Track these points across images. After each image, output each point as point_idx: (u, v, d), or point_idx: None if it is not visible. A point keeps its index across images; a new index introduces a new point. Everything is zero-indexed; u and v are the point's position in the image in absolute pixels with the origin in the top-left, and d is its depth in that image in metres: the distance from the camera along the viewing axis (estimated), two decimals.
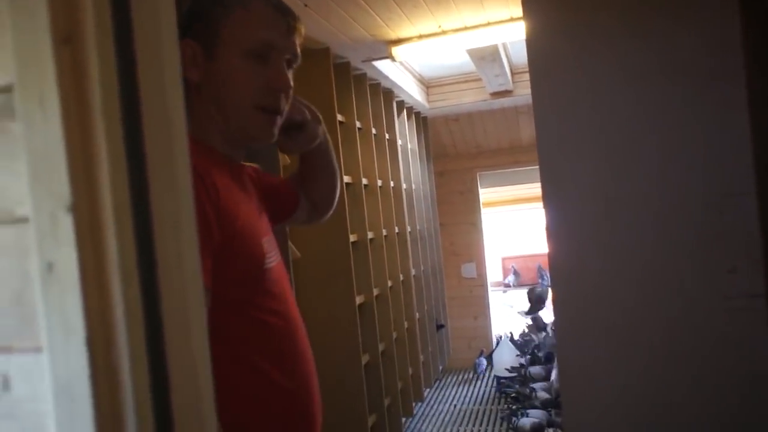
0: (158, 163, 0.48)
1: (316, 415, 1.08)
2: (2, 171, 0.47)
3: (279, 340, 1.01)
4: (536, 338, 4.23)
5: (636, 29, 1.68)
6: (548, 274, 1.81)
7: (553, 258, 1.72)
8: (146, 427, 0.45)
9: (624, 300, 1.67)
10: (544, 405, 3.30)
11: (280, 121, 1.03)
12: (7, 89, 0.46)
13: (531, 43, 1.76)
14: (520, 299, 6.16)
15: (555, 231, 1.73)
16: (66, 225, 0.44)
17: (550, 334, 4.06)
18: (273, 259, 1.02)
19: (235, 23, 0.97)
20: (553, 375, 3.63)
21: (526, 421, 3.14)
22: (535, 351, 4.04)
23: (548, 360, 3.85)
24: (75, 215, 0.44)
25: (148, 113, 0.47)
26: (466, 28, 2.46)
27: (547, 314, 4.74)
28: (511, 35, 2.47)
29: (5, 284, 0.47)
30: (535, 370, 3.77)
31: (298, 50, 1.03)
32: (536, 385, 3.52)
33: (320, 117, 1.20)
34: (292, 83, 1.02)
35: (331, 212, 1.37)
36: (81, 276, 0.44)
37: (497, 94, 3.98)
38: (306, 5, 2.03)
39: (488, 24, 2.43)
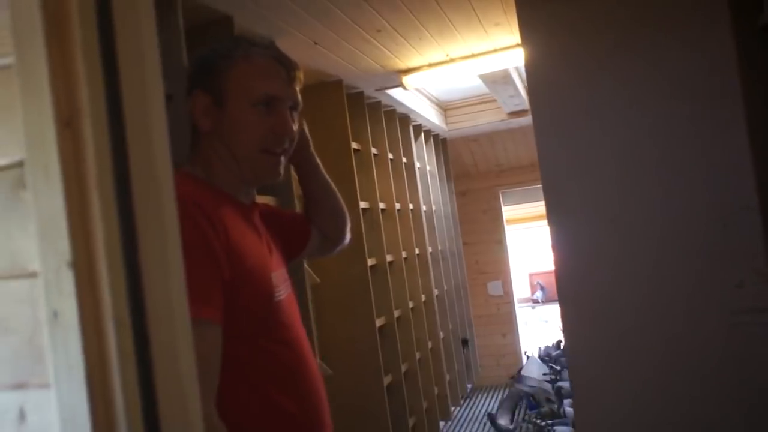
0: (147, 224, 0.56)
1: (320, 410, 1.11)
2: (18, 232, 0.56)
3: (288, 368, 1.07)
4: None
5: (634, 52, 1.72)
6: None
7: (559, 275, 1.76)
8: None
9: (631, 315, 1.69)
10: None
11: (284, 161, 1.12)
12: (20, 164, 0.55)
13: (530, 68, 1.82)
14: (554, 314, 6.11)
15: (560, 248, 1.77)
16: (68, 279, 0.52)
17: None
18: (282, 291, 1.09)
19: (239, 76, 1.06)
20: None
21: None
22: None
23: None
24: (75, 270, 0.52)
25: (138, 183, 0.55)
26: (473, 56, 2.53)
27: None
28: (520, 60, 2.53)
29: (21, 330, 0.56)
30: (566, 384, 3.75)
31: (299, 97, 1.13)
32: (567, 401, 3.50)
33: (309, 139, 1.28)
34: (295, 126, 1.11)
35: (346, 242, 1.42)
36: (81, 322, 0.51)
37: (514, 114, 4.03)
38: (316, 43, 2.13)
39: (495, 50, 2.49)
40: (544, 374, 4.11)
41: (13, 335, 0.56)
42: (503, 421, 3.75)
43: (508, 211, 5.63)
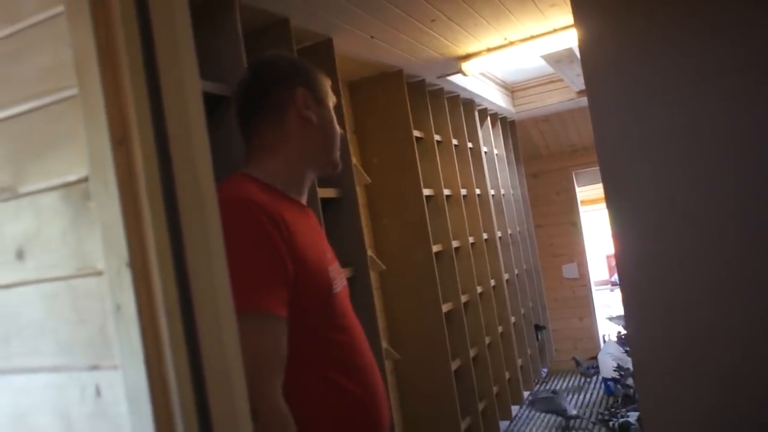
0: (192, 227, 0.64)
1: (383, 414, 1.19)
2: (87, 237, 0.65)
3: (346, 352, 1.15)
4: None
5: (694, 25, 1.65)
6: None
7: (620, 261, 1.73)
8: (190, 419, 0.60)
9: (697, 305, 1.64)
10: None
11: None
12: (85, 179, 0.64)
13: (584, 48, 1.79)
14: None
15: (620, 233, 1.74)
16: (126, 277, 0.61)
17: None
18: (338, 284, 1.17)
19: (319, 83, 1.22)
20: None
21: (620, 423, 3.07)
22: None
23: None
24: (132, 270, 0.61)
25: (183, 191, 0.63)
26: (532, 37, 2.50)
27: None
28: None
29: (94, 320, 0.65)
30: None
31: None
32: None
33: None
34: None
35: None
36: (138, 313, 0.60)
37: (583, 93, 3.91)
38: (372, 37, 2.18)
39: (554, 31, 2.45)
40: (619, 366, 4.01)
41: (88, 324, 0.66)
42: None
43: (583, 192, 5.48)
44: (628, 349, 4.14)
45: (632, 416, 3.12)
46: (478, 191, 3.43)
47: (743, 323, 1.56)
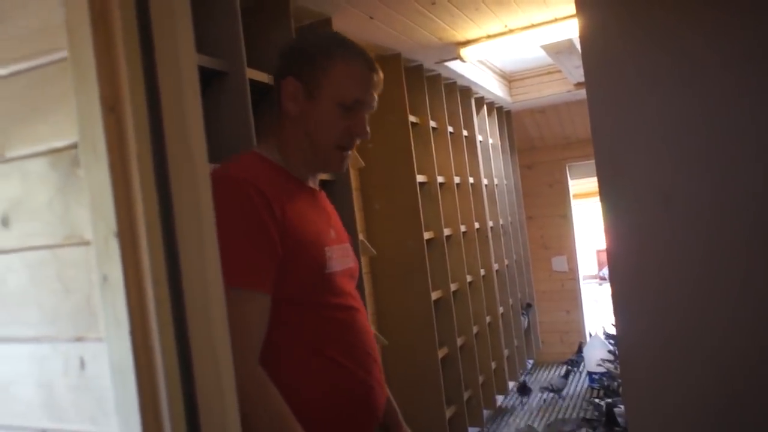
0: (183, 198, 0.62)
1: (378, 392, 1.19)
2: (75, 205, 0.63)
3: (341, 330, 1.14)
4: None
5: (694, 21, 1.64)
6: None
7: (611, 252, 1.73)
8: (174, 392, 0.59)
9: (685, 299, 1.65)
10: None
11: (350, 155, 1.21)
12: (74, 146, 0.62)
13: (584, 39, 1.77)
14: None
15: (613, 227, 1.74)
16: (114, 247, 0.59)
17: None
18: (337, 264, 1.15)
19: (335, 77, 1.12)
20: None
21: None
22: None
23: None
24: (120, 239, 0.59)
25: (174, 160, 0.61)
26: (533, 26, 2.48)
27: None
28: None
29: (80, 290, 0.64)
30: None
31: (376, 101, 1.20)
32: None
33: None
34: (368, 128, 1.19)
35: None
36: (125, 284, 0.59)
37: (581, 85, 3.90)
38: (371, 17, 2.15)
39: (555, 20, 2.43)
40: (603, 360, 4.04)
41: (74, 295, 0.64)
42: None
43: (575, 185, 5.49)
44: (613, 343, 4.18)
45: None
46: (471, 180, 3.43)
47: (733, 320, 1.57)
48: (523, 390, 3.81)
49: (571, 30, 2.48)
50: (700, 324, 1.62)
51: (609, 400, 3.12)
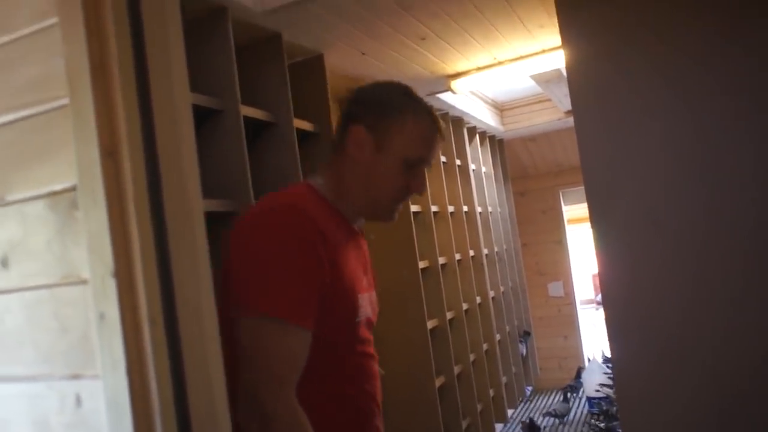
0: (179, 239, 0.64)
1: (379, 421, 1.21)
2: (73, 246, 0.65)
3: (355, 368, 1.16)
4: None
5: (680, 50, 1.69)
6: None
7: (604, 278, 1.76)
8: (170, 427, 0.60)
9: (677, 321, 1.67)
10: None
11: (401, 207, 1.23)
12: (73, 189, 0.65)
13: (571, 70, 1.83)
14: None
15: (604, 251, 1.76)
16: (111, 286, 0.61)
17: None
18: (363, 313, 1.16)
19: (405, 133, 1.14)
20: None
21: None
22: None
23: None
24: (117, 279, 0.61)
25: (170, 203, 0.64)
26: (521, 57, 2.54)
27: None
28: None
29: (77, 328, 0.65)
30: None
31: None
32: None
33: None
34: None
35: None
36: (122, 323, 0.61)
37: (571, 113, 3.96)
38: (363, 53, 2.21)
39: (543, 51, 2.49)
40: (601, 384, 4.03)
41: (70, 333, 0.66)
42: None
43: (569, 211, 5.53)
44: (611, 367, 4.16)
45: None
46: (465, 208, 3.46)
47: (725, 341, 1.58)
48: (532, 428, 3.75)
49: (558, 60, 2.55)
50: (692, 344, 1.63)
51: (609, 424, 3.11)
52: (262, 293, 0.99)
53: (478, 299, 3.42)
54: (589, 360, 4.68)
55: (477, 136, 3.93)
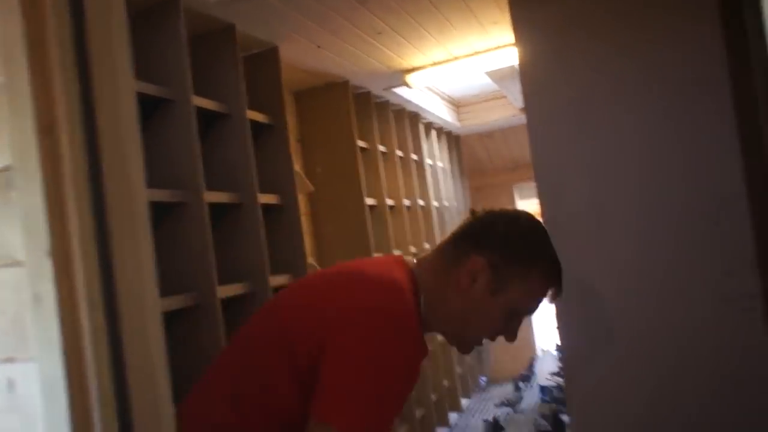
0: (119, 218, 0.63)
1: None
2: (7, 227, 0.64)
3: None
4: None
5: (622, 49, 1.75)
6: None
7: None
8: (108, 411, 0.60)
9: (620, 310, 1.73)
10: None
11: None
12: (7, 168, 0.63)
13: (523, 68, 1.87)
14: None
15: (555, 245, 1.81)
16: (47, 267, 0.60)
17: None
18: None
19: (527, 288, 1.06)
20: None
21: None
22: None
23: None
24: (53, 259, 0.60)
25: (111, 183, 0.63)
26: (476, 53, 2.58)
27: None
28: None
29: (9, 311, 0.64)
30: None
31: None
32: None
33: None
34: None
35: None
36: (58, 303, 0.59)
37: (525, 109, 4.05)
38: (319, 46, 2.20)
39: (497, 47, 2.53)
40: (552, 373, 4.14)
41: (4, 315, 0.64)
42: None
43: (525, 206, 5.64)
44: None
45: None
46: (421, 202, 3.49)
47: (674, 334, 1.65)
48: (496, 428, 3.78)
49: (512, 57, 2.59)
50: (642, 338, 1.69)
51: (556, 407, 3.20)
52: (355, 411, 0.92)
53: None
54: (543, 351, 4.80)
55: (433, 131, 3.97)
